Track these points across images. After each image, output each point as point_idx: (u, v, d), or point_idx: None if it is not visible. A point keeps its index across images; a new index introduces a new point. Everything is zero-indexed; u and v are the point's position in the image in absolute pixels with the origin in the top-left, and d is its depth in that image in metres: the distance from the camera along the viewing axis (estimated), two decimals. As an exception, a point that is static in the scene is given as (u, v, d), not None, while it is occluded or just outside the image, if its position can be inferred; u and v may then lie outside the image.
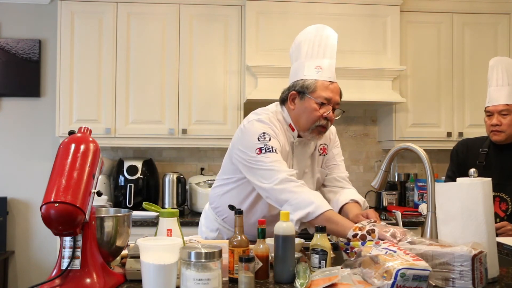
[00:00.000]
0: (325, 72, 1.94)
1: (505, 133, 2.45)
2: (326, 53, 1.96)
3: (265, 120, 1.95)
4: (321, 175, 2.16)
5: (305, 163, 2.07)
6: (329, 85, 1.94)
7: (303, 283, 1.33)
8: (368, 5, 3.57)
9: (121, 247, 1.53)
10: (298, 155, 2.03)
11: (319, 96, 1.92)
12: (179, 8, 3.55)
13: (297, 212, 1.75)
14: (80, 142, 1.41)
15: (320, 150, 2.12)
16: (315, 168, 2.10)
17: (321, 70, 1.93)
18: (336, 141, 2.23)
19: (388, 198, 3.83)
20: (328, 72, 1.94)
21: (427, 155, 1.68)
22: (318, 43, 1.98)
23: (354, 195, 2.10)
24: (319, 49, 1.97)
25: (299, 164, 2.04)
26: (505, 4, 3.77)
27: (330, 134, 2.20)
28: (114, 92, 3.50)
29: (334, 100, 1.95)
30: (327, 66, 1.94)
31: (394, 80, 3.58)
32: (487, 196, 1.47)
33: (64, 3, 3.47)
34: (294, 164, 2.02)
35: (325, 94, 1.92)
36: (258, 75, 3.43)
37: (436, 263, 1.36)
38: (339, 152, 2.23)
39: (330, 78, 1.94)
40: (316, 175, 2.11)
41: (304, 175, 2.06)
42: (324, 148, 2.14)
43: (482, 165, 2.48)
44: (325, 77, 1.93)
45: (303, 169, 2.06)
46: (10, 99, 3.79)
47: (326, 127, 1.97)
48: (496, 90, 2.44)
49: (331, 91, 1.93)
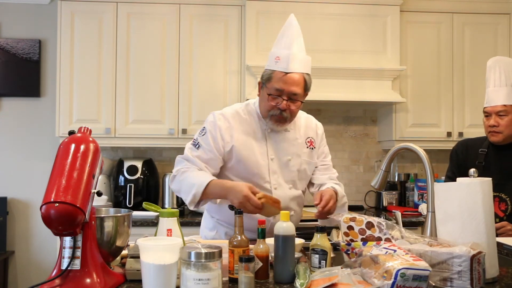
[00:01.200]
0: (281, 63, 1.96)
1: (503, 134, 2.45)
2: (286, 44, 1.99)
3: (220, 116, 2.06)
4: (309, 168, 2.14)
5: (287, 150, 2.08)
6: (282, 76, 1.95)
7: (303, 283, 1.33)
8: (368, 5, 3.57)
9: (121, 247, 1.53)
10: (275, 142, 2.07)
11: (271, 87, 1.97)
12: (179, 8, 3.55)
13: (187, 196, 1.95)
14: (80, 142, 1.41)
15: (307, 142, 2.13)
16: (301, 157, 2.10)
17: (279, 60, 1.97)
18: (324, 139, 2.23)
19: (388, 198, 3.83)
20: (285, 63, 1.96)
21: (427, 155, 1.68)
22: (282, 33, 2.03)
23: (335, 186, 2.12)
24: (281, 40, 2.02)
25: (278, 150, 2.07)
26: (505, 4, 3.77)
27: (317, 129, 2.21)
28: (114, 92, 3.50)
29: (287, 91, 1.96)
30: (284, 57, 1.96)
31: (394, 80, 3.58)
32: (487, 196, 1.47)
33: (64, 3, 3.47)
34: (270, 151, 2.06)
35: (277, 85, 1.96)
36: (258, 75, 3.43)
37: (435, 263, 1.36)
38: (328, 153, 2.24)
39: (285, 69, 1.95)
40: (303, 165, 2.11)
41: (287, 162, 2.07)
42: (311, 141, 2.15)
43: (482, 165, 2.48)
44: (281, 67, 1.96)
45: (285, 156, 2.07)
46: (10, 99, 3.79)
47: (282, 116, 2.00)
48: (494, 91, 2.44)
49: (284, 82, 1.95)
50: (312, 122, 2.22)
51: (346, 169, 4.01)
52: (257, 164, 2.03)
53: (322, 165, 2.20)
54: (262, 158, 2.04)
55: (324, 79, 3.45)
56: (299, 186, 2.13)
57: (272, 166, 2.05)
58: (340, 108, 3.99)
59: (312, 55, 3.44)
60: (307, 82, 2.00)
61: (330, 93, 3.46)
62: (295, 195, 2.11)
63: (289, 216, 1.51)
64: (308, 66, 2.02)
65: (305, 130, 2.15)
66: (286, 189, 2.07)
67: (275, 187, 2.05)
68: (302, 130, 2.15)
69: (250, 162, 2.03)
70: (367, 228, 1.57)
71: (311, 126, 2.19)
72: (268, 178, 2.04)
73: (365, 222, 1.58)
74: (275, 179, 2.05)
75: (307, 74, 2.00)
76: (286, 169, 2.07)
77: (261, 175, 2.03)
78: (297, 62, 1.96)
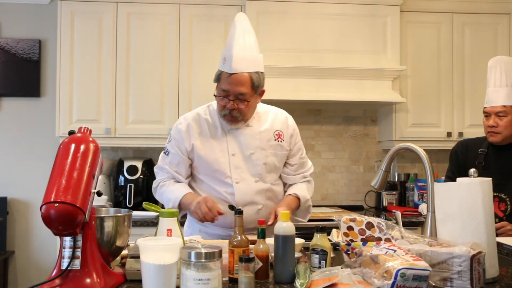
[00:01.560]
0: (227, 63, 2.00)
1: (502, 135, 2.45)
2: (229, 44, 2.03)
3: (181, 120, 2.17)
4: (278, 160, 2.17)
5: (249, 145, 2.11)
6: (227, 77, 1.99)
7: (303, 283, 1.33)
8: (368, 5, 3.57)
9: (121, 247, 1.53)
10: (236, 138, 2.12)
11: (219, 88, 2.04)
12: (179, 8, 3.55)
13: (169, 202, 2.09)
14: (80, 142, 1.41)
15: (275, 135, 2.16)
16: (266, 150, 2.13)
17: (225, 61, 2.02)
18: (297, 134, 2.24)
19: (388, 198, 3.83)
20: (228, 64, 1.99)
21: (427, 155, 1.68)
22: (230, 36, 2.05)
23: (300, 190, 2.16)
24: (228, 40, 2.05)
25: (240, 146, 2.11)
26: (505, 4, 3.77)
27: (287, 121, 2.22)
28: (114, 92, 3.50)
29: (233, 91, 2.00)
30: (228, 58, 2.00)
31: (394, 80, 3.58)
32: (487, 196, 1.47)
33: (64, 3, 3.47)
34: (230, 147, 2.11)
35: (223, 86, 2.01)
36: (258, 75, 3.43)
37: (435, 263, 1.36)
38: (302, 148, 2.26)
39: (229, 70, 1.99)
40: (270, 158, 2.14)
41: (250, 156, 2.11)
42: (279, 134, 2.17)
43: (481, 166, 2.48)
44: (226, 68, 2.00)
45: (248, 150, 2.11)
46: (10, 99, 3.79)
47: (233, 116, 2.05)
48: (494, 91, 2.44)
49: (229, 83, 1.99)
50: (282, 116, 2.24)
51: (346, 169, 4.01)
52: (217, 161, 2.10)
53: (295, 163, 2.22)
54: (223, 155, 2.10)
55: (324, 79, 3.45)
56: (268, 179, 2.15)
57: (234, 161, 2.10)
58: (340, 108, 3.99)
59: (312, 55, 3.51)
60: (255, 80, 2.01)
61: (330, 93, 3.46)
62: (262, 189, 2.13)
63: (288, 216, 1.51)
64: (256, 64, 2.03)
65: (272, 124, 2.18)
66: (250, 183, 2.11)
67: (237, 182, 2.09)
68: (269, 124, 2.17)
69: (210, 159, 2.10)
70: (367, 229, 1.57)
71: (279, 119, 2.21)
72: (229, 173, 2.10)
73: (365, 223, 1.58)
74: (238, 174, 2.10)
75: (255, 73, 2.02)
76: (250, 163, 2.11)
77: (222, 171, 2.10)
78: (240, 62, 1.99)
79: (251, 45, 2.03)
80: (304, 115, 3.97)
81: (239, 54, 1.99)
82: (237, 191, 2.07)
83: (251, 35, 2.05)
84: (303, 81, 3.44)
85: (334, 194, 4.00)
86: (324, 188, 3.99)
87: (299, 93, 3.44)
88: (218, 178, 2.10)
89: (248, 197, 2.09)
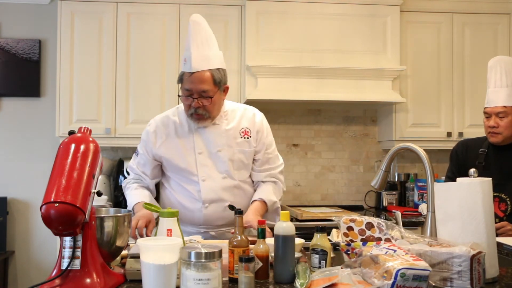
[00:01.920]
0: (187, 64, 2.05)
1: (502, 135, 2.45)
2: (187, 44, 2.07)
3: (151, 122, 2.25)
4: (245, 157, 2.20)
5: (216, 143, 2.16)
6: (189, 77, 2.05)
7: (303, 283, 1.33)
8: (368, 5, 3.57)
9: (121, 247, 1.53)
10: (203, 136, 2.16)
11: (182, 88, 2.09)
12: (179, 8, 3.55)
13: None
14: (80, 142, 1.41)
15: (241, 133, 2.19)
16: (233, 148, 2.17)
17: (185, 62, 2.07)
18: (265, 129, 2.26)
19: (388, 198, 3.83)
20: (188, 63, 2.05)
21: (427, 155, 1.68)
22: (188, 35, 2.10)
23: (265, 193, 2.19)
24: (186, 42, 2.10)
25: (207, 144, 2.16)
26: (505, 4, 3.77)
27: (254, 117, 2.24)
28: (114, 92, 3.50)
29: (196, 89, 2.05)
30: (188, 58, 2.05)
31: (394, 80, 3.58)
32: (487, 196, 1.47)
33: (64, 3, 3.47)
34: (197, 145, 2.15)
35: (186, 85, 2.07)
36: (258, 75, 3.43)
37: (435, 263, 1.36)
38: (270, 143, 2.27)
39: (189, 69, 2.04)
40: (237, 155, 2.17)
41: (217, 153, 2.15)
42: (246, 131, 2.21)
43: (482, 166, 2.48)
44: (187, 68, 2.06)
45: (214, 148, 2.15)
46: (10, 99, 3.79)
47: (199, 114, 2.09)
48: (494, 91, 2.44)
49: (191, 82, 2.04)
50: (250, 113, 2.26)
51: (346, 169, 4.02)
52: (184, 160, 2.15)
53: (259, 158, 2.24)
54: (190, 154, 2.16)
55: (324, 79, 3.45)
56: (237, 176, 2.19)
57: (201, 159, 2.15)
58: (340, 108, 3.99)
59: (312, 55, 3.51)
60: (216, 77, 2.06)
61: (330, 93, 3.46)
62: (229, 185, 2.17)
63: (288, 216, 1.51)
64: (216, 61, 2.09)
65: (239, 121, 2.21)
66: (217, 180, 2.15)
67: (203, 179, 2.15)
68: (236, 122, 2.21)
69: (177, 159, 2.16)
70: (367, 229, 1.57)
71: (247, 117, 2.24)
72: (196, 171, 2.15)
73: (365, 223, 1.58)
74: (205, 172, 2.15)
75: (216, 70, 2.07)
76: (217, 160, 2.16)
77: (188, 170, 2.15)
78: (199, 61, 2.04)
79: (208, 43, 2.08)
80: (304, 115, 3.97)
81: (198, 53, 2.04)
82: (203, 188, 2.13)
83: (207, 33, 2.10)
84: (303, 81, 3.44)
85: (334, 194, 4.00)
86: (324, 188, 3.99)
87: (299, 93, 3.44)
88: (186, 177, 2.16)
89: (214, 194, 2.14)
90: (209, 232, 2.18)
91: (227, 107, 2.22)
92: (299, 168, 3.97)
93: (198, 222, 2.16)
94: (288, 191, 3.96)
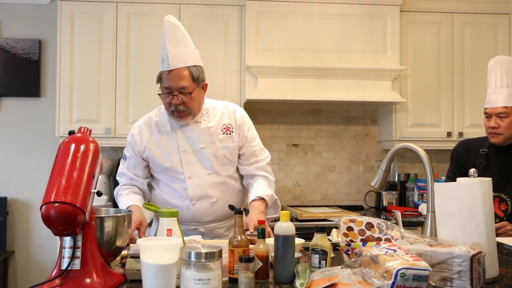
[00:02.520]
0: (164, 63, 2.10)
1: (503, 136, 2.45)
2: (163, 44, 2.11)
3: (135, 125, 2.27)
4: (229, 153, 2.22)
5: (198, 140, 2.19)
6: (167, 75, 2.09)
7: (303, 283, 1.33)
8: (368, 5, 3.57)
9: (121, 247, 1.53)
10: (186, 135, 2.19)
11: (162, 87, 2.14)
12: (179, 8, 3.54)
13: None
14: (80, 142, 1.41)
15: (223, 129, 2.22)
16: (216, 144, 2.20)
17: (163, 61, 2.11)
18: (246, 124, 2.28)
19: (388, 198, 3.83)
20: (166, 62, 2.10)
21: (427, 155, 1.68)
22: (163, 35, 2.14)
23: (261, 190, 2.19)
24: (162, 42, 2.14)
25: (191, 142, 2.19)
26: (505, 4, 3.77)
27: (235, 113, 2.27)
28: (114, 92, 3.50)
29: (175, 87, 2.09)
30: (164, 57, 2.10)
31: (394, 80, 3.58)
32: (487, 196, 1.47)
33: (64, 3, 3.47)
34: (180, 144, 2.18)
35: (165, 84, 2.11)
36: (258, 75, 3.43)
37: (435, 263, 1.36)
38: (253, 137, 2.29)
39: (167, 68, 2.09)
40: (220, 151, 2.20)
41: (201, 151, 2.18)
42: (228, 127, 2.24)
43: (482, 166, 2.48)
44: (165, 67, 2.10)
45: (198, 145, 2.18)
46: (10, 99, 3.79)
47: (179, 111, 2.12)
48: (495, 92, 2.43)
49: (170, 80, 2.09)
50: (230, 109, 2.29)
51: (346, 169, 4.02)
52: (169, 159, 2.18)
53: (244, 152, 2.26)
54: (174, 153, 2.18)
55: (324, 79, 3.45)
56: (222, 172, 2.22)
57: (185, 157, 2.18)
58: (340, 108, 3.99)
59: (312, 55, 3.51)
60: (194, 73, 2.11)
61: (330, 93, 3.46)
62: (215, 182, 2.20)
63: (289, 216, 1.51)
64: (192, 58, 2.13)
65: (220, 118, 2.24)
66: (203, 177, 2.18)
67: (189, 177, 2.18)
68: (217, 119, 2.23)
69: (162, 159, 2.19)
70: (367, 229, 1.58)
71: (228, 113, 2.26)
72: (181, 169, 2.18)
73: (365, 223, 1.58)
74: (190, 169, 2.17)
75: (193, 66, 2.11)
76: (201, 157, 2.19)
77: (174, 169, 2.18)
78: (176, 59, 2.09)
79: (184, 41, 2.13)
80: (304, 115, 3.97)
81: (174, 51, 2.09)
82: (189, 185, 2.16)
83: (182, 32, 2.14)
84: (303, 81, 3.44)
85: (334, 194, 4.00)
86: (324, 188, 3.99)
87: (299, 93, 3.44)
88: (172, 176, 2.19)
89: (201, 191, 2.16)
90: (198, 229, 2.20)
91: (207, 105, 2.25)
92: (299, 168, 3.97)
93: (186, 220, 2.18)
94: (288, 191, 3.96)
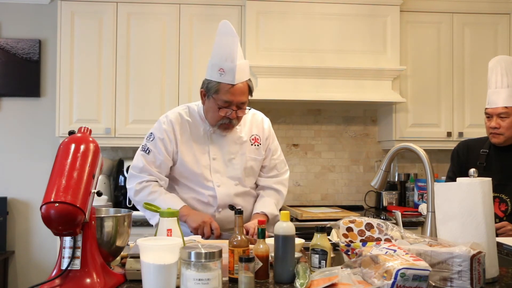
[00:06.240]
0: (226, 75, 2.01)
1: (504, 136, 2.44)
2: (228, 55, 2.02)
3: (164, 120, 2.15)
4: (256, 165, 2.21)
5: (230, 149, 2.16)
6: (230, 88, 2.02)
7: (303, 283, 1.33)
8: (368, 5, 3.56)
9: (121, 247, 1.53)
10: (217, 142, 2.15)
11: (219, 99, 2.04)
12: (179, 8, 3.54)
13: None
14: (80, 142, 1.41)
15: (251, 140, 2.20)
16: (246, 155, 2.17)
17: (223, 73, 2.02)
18: (272, 135, 2.28)
19: (388, 198, 3.83)
20: (230, 75, 2.00)
21: (427, 155, 1.68)
22: (219, 43, 2.05)
23: (268, 207, 2.19)
24: (220, 50, 2.04)
25: (222, 150, 2.15)
26: (505, 4, 3.77)
27: (263, 124, 2.25)
28: (114, 92, 3.50)
29: (236, 101, 2.04)
30: (229, 69, 2.01)
31: (394, 80, 3.58)
32: (487, 196, 1.47)
33: (64, 3, 3.47)
34: (211, 151, 2.14)
35: (225, 97, 2.02)
36: (258, 75, 3.43)
37: (435, 263, 1.36)
38: (276, 149, 2.29)
39: (231, 82, 2.01)
40: (249, 162, 2.18)
41: (230, 160, 2.15)
42: (256, 138, 2.22)
43: (483, 166, 2.48)
44: (227, 80, 2.02)
45: (228, 155, 2.15)
46: (10, 99, 3.79)
47: (231, 124, 2.09)
48: (495, 92, 2.43)
49: (232, 94, 2.02)
50: (258, 119, 2.27)
51: (346, 169, 4.01)
52: (199, 164, 2.13)
53: (266, 164, 2.25)
54: (204, 159, 2.14)
55: (324, 79, 3.45)
56: (247, 183, 2.21)
57: (215, 165, 2.14)
58: (340, 108, 3.99)
59: (312, 55, 3.51)
60: (251, 88, 2.09)
61: (330, 93, 3.46)
62: (241, 192, 2.19)
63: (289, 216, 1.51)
64: (249, 71, 2.10)
65: (250, 128, 2.22)
66: (231, 186, 2.16)
67: (218, 185, 2.14)
68: (247, 128, 2.21)
69: (192, 163, 2.13)
70: (367, 230, 1.58)
71: (256, 123, 2.25)
72: (210, 177, 2.14)
73: (365, 224, 1.58)
74: (218, 178, 2.14)
75: (249, 80, 2.09)
76: (230, 167, 2.16)
77: (203, 175, 2.14)
78: (241, 72, 2.02)
79: (241, 52, 2.08)
80: (304, 115, 3.97)
81: (240, 64, 2.02)
82: (219, 194, 2.13)
83: (239, 42, 2.07)
84: (303, 81, 3.44)
85: (334, 194, 4.00)
86: (324, 188, 3.99)
87: (299, 93, 3.44)
88: (200, 182, 2.14)
89: (228, 200, 2.14)
90: None
91: None
92: (299, 168, 3.97)
93: None
94: (288, 191, 3.93)
